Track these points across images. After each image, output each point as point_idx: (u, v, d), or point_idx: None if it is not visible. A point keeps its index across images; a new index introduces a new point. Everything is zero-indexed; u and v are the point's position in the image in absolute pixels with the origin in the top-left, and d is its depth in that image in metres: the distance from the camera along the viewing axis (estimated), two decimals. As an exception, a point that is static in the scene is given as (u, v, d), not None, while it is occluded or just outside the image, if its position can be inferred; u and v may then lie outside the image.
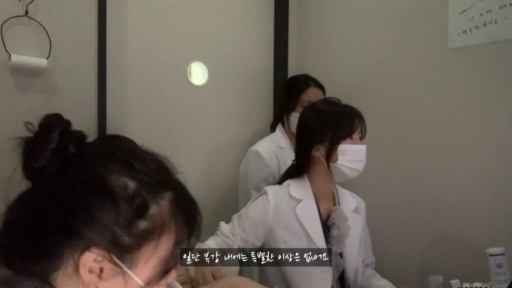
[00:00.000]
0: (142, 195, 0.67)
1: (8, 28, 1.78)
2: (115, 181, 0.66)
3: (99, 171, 0.66)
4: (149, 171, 0.69)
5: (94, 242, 0.64)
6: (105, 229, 0.64)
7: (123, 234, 0.65)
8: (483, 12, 1.97)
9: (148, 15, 2.17)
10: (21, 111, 1.81)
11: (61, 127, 0.68)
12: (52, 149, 0.66)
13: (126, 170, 0.67)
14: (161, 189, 0.69)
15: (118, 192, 0.65)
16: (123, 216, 0.65)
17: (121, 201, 0.65)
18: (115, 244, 0.65)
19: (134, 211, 0.66)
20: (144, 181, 0.68)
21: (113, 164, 0.67)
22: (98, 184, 0.65)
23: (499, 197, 1.94)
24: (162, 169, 0.72)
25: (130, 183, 0.67)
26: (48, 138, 0.67)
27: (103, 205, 0.64)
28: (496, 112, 1.96)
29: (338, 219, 1.60)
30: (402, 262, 2.20)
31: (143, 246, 0.67)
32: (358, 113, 1.58)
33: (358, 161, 1.56)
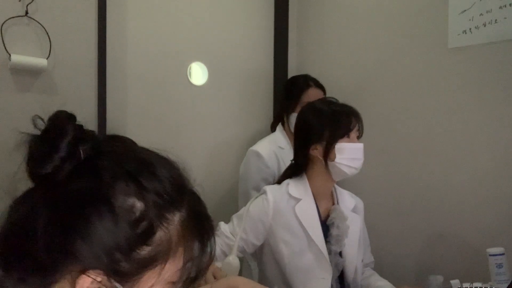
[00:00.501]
0: (148, 219, 0.61)
1: (8, 28, 1.78)
2: (121, 201, 0.61)
3: (105, 188, 0.61)
4: (160, 189, 0.63)
5: (92, 265, 0.59)
6: (105, 253, 0.59)
7: (123, 260, 0.60)
8: (483, 12, 1.97)
9: (148, 15, 2.17)
10: (21, 111, 1.81)
11: (72, 134, 0.63)
12: (60, 157, 0.61)
13: (135, 189, 0.62)
14: (172, 209, 0.64)
15: (123, 215, 0.60)
16: (125, 241, 0.60)
17: (125, 224, 0.60)
18: (113, 269, 0.60)
19: (138, 236, 0.61)
20: (153, 202, 0.62)
21: (123, 181, 0.62)
22: (103, 203, 0.60)
23: (499, 197, 1.94)
24: (175, 184, 0.66)
25: (137, 204, 0.61)
26: (57, 143, 0.62)
27: (105, 227, 0.59)
28: (496, 112, 1.96)
29: (337, 218, 1.61)
30: (402, 262, 2.20)
31: (145, 273, 0.62)
32: (355, 112, 1.60)
33: (356, 159, 1.57)
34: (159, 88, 2.21)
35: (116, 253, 0.60)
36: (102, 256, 0.59)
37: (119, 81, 2.08)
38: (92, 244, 0.59)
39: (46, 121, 0.65)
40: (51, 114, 0.66)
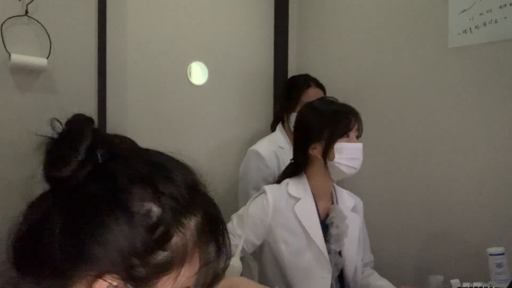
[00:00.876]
0: (165, 224, 0.61)
1: (8, 27, 1.78)
2: (138, 206, 0.60)
3: (122, 193, 0.61)
4: (176, 193, 0.63)
5: (108, 269, 0.59)
6: (121, 257, 0.59)
7: (140, 264, 0.60)
8: (483, 12, 1.97)
9: (148, 15, 2.17)
10: (21, 111, 1.81)
11: (91, 138, 0.62)
12: (79, 162, 0.61)
13: (150, 193, 0.62)
14: (188, 214, 0.64)
15: (140, 220, 0.60)
16: (142, 246, 0.60)
17: (142, 229, 0.60)
18: (129, 274, 0.60)
19: (155, 241, 0.60)
20: (169, 206, 0.62)
21: (140, 186, 0.62)
22: (120, 208, 0.60)
23: (499, 197, 1.94)
24: (191, 188, 0.66)
25: (154, 208, 0.61)
26: (76, 147, 0.61)
27: (122, 232, 0.59)
28: (496, 112, 1.96)
29: (337, 218, 1.61)
30: (402, 261, 2.20)
31: (161, 278, 0.62)
32: (354, 111, 1.60)
33: (355, 159, 1.57)
34: (159, 88, 2.21)
35: (132, 257, 0.60)
36: (118, 261, 0.59)
37: (119, 81, 2.08)
38: (109, 249, 0.59)
39: (63, 124, 0.65)
40: (69, 117, 0.65)
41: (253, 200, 1.62)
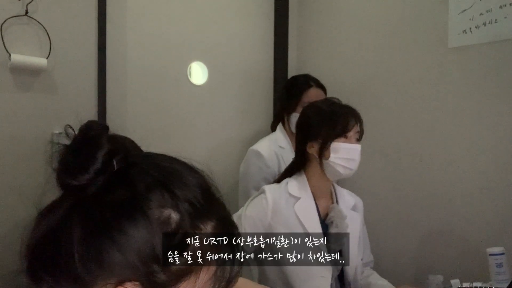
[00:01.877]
0: (183, 229, 0.61)
1: (8, 27, 1.78)
2: (158, 213, 0.60)
3: (141, 199, 0.61)
4: (192, 198, 0.63)
5: (129, 277, 0.59)
6: (142, 264, 0.59)
7: (160, 271, 0.60)
8: (483, 12, 1.97)
9: (148, 15, 2.17)
10: (21, 111, 1.81)
11: (108, 146, 0.62)
12: (96, 170, 0.60)
13: (169, 199, 0.62)
14: (204, 219, 0.64)
15: (160, 226, 0.60)
16: (162, 253, 0.60)
17: (162, 236, 0.60)
18: (150, 280, 0.60)
19: (174, 247, 0.60)
20: (186, 212, 0.62)
21: (158, 193, 0.62)
22: (140, 215, 0.60)
23: (499, 197, 1.94)
24: (206, 194, 0.66)
25: (173, 215, 0.61)
26: (94, 155, 0.61)
27: (142, 239, 0.59)
28: (496, 112, 1.96)
29: (336, 217, 1.61)
30: (401, 261, 2.20)
31: (181, 282, 0.62)
32: (355, 113, 1.59)
33: (351, 160, 1.57)
34: (159, 87, 2.21)
35: (153, 264, 0.60)
36: (139, 268, 0.59)
37: (119, 80, 2.08)
38: (129, 256, 0.59)
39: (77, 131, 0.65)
40: (83, 124, 0.65)
41: (252, 200, 1.62)
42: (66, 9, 1.93)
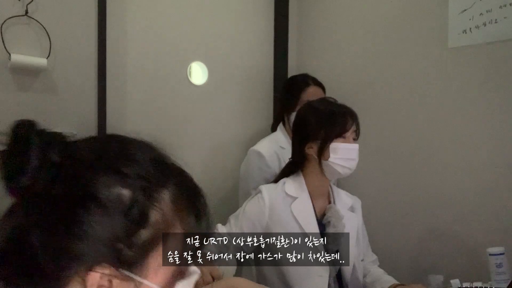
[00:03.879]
0: (139, 203, 0.62)
1: (8, 27, 1.78)
2: (107, 194, 0.61)
3: (89, 185, 0.61)
4: (143, 172, 0.64)
5: (97, 261, 0.60)
6: (105, 246, 0.60)
7: (126, 247, 0.61)
8: (483, 12, 1.97)
9: (148, 15, 2.17)
10: (21, 111, 1.81)
11: (38, 141, 0.61)
12: (33, 168, 0.60)
13: (117, 178, 0.62)
14: (159, 188, 0.64)
15: (113, 206, 0.60)
16: (122, 230, 0.60)
17: (118, 215, 0.60)
18: (118, 259, 0.61)
19: (133, 222, 0.61)
20: (138, 186, 0.62)
21: (102, 174, 0.62)
22: (90, 200, 0.60)
23: (499, 197, 1.94)
24: (157, 164, 0.66)
25: (124, 192, 0.61)
26: (27, 154, 0.60)
27: (99, 223, 0.60)
28: (496, 112, 1.96)
29: (333, 217, 1.61)
30: (401, 261, 2.20)
31: (150, 253, 0.63)
32: (352, 113, 1.60)
33: (350, 159, 1.58)
34: (159, 87, 2.21)
35: (116, 243, 0.60)
36: (104, 250, 0.60)
37: (119, 80, 2.08)
38: (91, 242, 0.60)
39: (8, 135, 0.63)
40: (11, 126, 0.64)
41: (250, 201, 1.63)
42: (66, 9, 1.93)
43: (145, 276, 0.63)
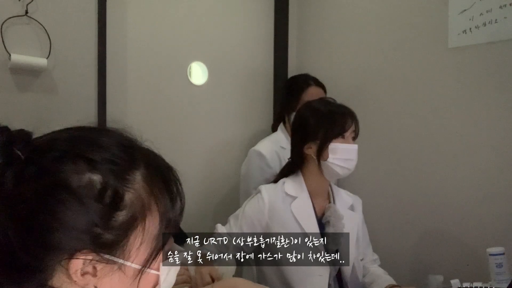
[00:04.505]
0: (111, 186, 0.63)
1: (8, 27, 1.78)
2: (77, 181, 0.61)
3: (57, 175, 0.61)
4: (111, 156, 0.64)
5: (77, 248, 0.61)
6: (83, 233, 0.61)
7: (104, 232, 0.62)
8: (483, 12, 1.97)
9: (148, 15, 2.17)
10: (21, 111, 1.81)
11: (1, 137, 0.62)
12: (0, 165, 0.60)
13: (85, 165, 0.62)
14: (130, 170, 0.65)
15: (85, 192, 0.61)
16: (98, 215, 0.61)
17: (91, 200, 0.61)
18: (98, 243, 0.62)
19: (108, 206, 0.62)
20: (108, 170, 0.63)
21: (70, 162, 0.62)
22: (61, 190, 0.60)
23: (499, 197, 1.94)
24: (125, 147, 0.67)
25: (93, 177, 0.62)
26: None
27: (73, 211, 0.60)
28: (496, 112, 1.96)
29: (333, 217, 1.61)
30: (401, 261, 2.20)
31: (130, 235, 0.64)
32: (351, 113, 1.60)
33: (349, 160, 1.58)
34: (159, 87, 2.21)
35: (94, 228, 0.61)
36: (82, 237, 0.61)
37: (119, 81, 2.08)
38: (68, 230, 0.60)
39: None
40: None
41: (249, 201, 1.63)
42: (66, 9, 1.93)
43: (127, 258, 0.64)
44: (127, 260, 0.64)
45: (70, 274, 0.61)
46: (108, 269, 0.63)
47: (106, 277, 0.63)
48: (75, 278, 0.62)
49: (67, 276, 0.62)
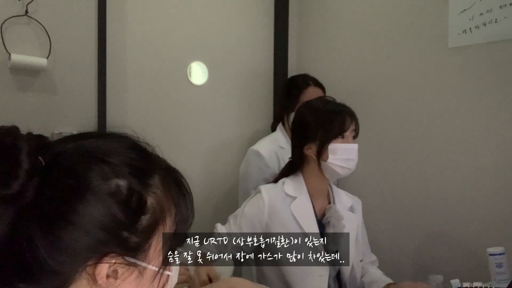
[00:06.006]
0: (136, 191, 0.64)
1: (8, 27, 1.78)
2: (105, 186, 0.62)
3: (84, 180, 0.61)
4: (131, 162, 0.66)
5: (104, 252, 0.62)
6: (111, 236, 0.62)
7: (131, 235, 0.63)
8: (483, 12, 1.97)
9: (148, 15, 2.17)
10: (21, 111, 1.81)
11: (27, 143, 0.61)
12: (25, 172, 0.59)
13: (109, 169, 0.63)
14: (149, 175, 0.67)
15: (113, 197, 0.62)
16: (125, 219, 0.62)
17: (118, 205, 0.62)
18: (125, 247, 0.63)
19: (134, 210, 0.64)
20: (131, 175, 0.64)
21: (94, 167, 0.63)
22: (89, 194, 0.61)
23: (499, 197, 1.94)
24: (140, 153, 0.69)
25: (120, 182, 0.63)
26: (17, 159, 0.59)
27: (101, 215, 0.61)
28: (496, 112, 1.96)
29: (333, 217, 1.61)
30: (401, 261, 2.20)
31: (152, 238, 0.66)
32: (350, 112, 1.59)
33: (349, 160, 1.57)
34: (159, 87, 2.21)
35: (122, 232, 0.62)
36: (109, 240, 0.62)
37: (119, 81, 2.08)
38: (96, 234, 0.61)
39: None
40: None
41: (249, 201, 1.63)
42: (66, 9, 1.93)
43: (148, 261, 0.66)
44: (148, 263, 0.66)
45: (94, 279, 0.62)
46: (129, 272, 0.64)
47: (126, 280, 0.64)
48: (100, 282, 0.62)
49: (88, 281, 0.62)
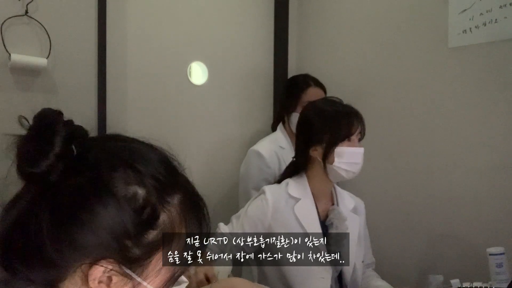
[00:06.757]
0: (151, 204, 0.63)
1: (8, 27, 1.78)
2: (124, 189, 0.61)
3: (106, 179, 0.61)
4: (157, 174, 0.64)
5: (103, 255, 0.61)
6: (114, 241, 0.60)
7: (133, 246, 0.61)
8: (483, 12, 1.97)
9: (148, 15, 2.17)
10: (21, 111, 1.80)
11: (64, 130, 0.62)
12: (55, 155, 0.60)
13: (133, 176, 0.62)
14: (170, 192, 0.65)
15: (128, 203, 0.61)
16: (133, 228, 0.61)
17: (131, 212, 0.61)
18: (124, 256, 0.61)
19: (144, 222, 0.62)
20: (152, 187, 0.63)
21: (120, 169, 0.62)
22: (106, 193, 0.60)
23: (499, 197, 1.94)
24: (169, 168, 0.67)
25: (139, 191, 0.62)
26: (51, 141, 0.61)
27: (111, 217, 0.60)
28: (496, 112, 1.96)
29: (336, 219, 1.61)
30: (402, 261, 2.20)
31: (154, 255, 0.64)
32: (357, 113, 1.58)
33: (354, 163, 1.57)
34: (159, 87, 2.21)
35: (125, 240, 0.61)
36: (112, 245, 0.60)
37: (119, 81, 2.08)
38: (101, 235, 0.60)
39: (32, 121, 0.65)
40: (37, 113, 0.66)
41: (253, 201, 1.62)
42: (66, 9, 1.92)
43: (145, 277, 0.63)
44: (144, 280, 0.63)
45: (87, 279, 0.61)
46: (122, 283, 0.62)
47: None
48: (91, 284, 0.61)
49: (82, 280, 0.61)
